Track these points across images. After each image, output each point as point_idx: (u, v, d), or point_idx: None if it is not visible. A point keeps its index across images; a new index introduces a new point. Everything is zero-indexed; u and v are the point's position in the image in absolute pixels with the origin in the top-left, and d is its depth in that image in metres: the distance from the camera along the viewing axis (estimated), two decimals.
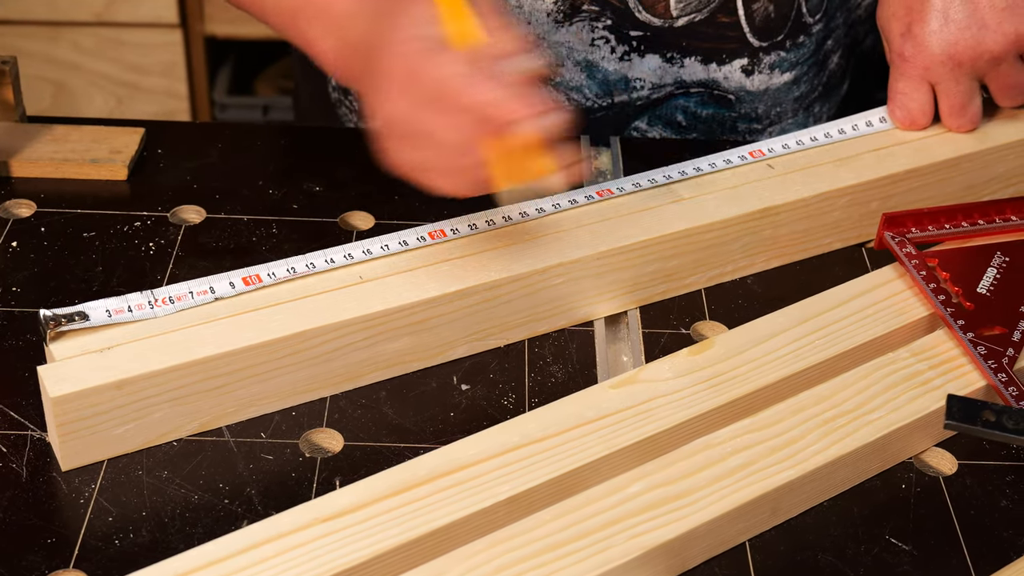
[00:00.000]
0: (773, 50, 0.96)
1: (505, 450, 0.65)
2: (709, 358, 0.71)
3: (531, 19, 0.93)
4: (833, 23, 1.00)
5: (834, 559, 0.64)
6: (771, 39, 0.96)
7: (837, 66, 1.04)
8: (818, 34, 0.98)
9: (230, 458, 0.68)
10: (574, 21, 0.93)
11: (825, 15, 0.98)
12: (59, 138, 0.90)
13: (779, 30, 0.96)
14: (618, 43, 0.95)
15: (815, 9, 0.97)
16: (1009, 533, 0.66)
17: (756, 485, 0.64)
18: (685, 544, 0.62)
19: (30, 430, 0.69)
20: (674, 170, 0.82)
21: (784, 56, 0.97)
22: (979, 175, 0.87)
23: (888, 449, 0.68)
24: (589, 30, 0.94)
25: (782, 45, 0.97)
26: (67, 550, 0.63)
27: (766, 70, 0.97)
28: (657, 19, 0.93)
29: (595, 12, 0.93)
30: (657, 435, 0.66)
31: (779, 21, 0.95)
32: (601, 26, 0.94)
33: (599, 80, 0.96)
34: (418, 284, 0.72)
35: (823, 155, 0.85)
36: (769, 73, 0.97)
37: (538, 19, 0.93)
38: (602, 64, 0.95)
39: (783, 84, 0.99)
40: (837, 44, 1.02)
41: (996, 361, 0.71)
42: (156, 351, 0.67)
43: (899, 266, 0.78)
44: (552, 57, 0.93)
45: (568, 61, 0.96)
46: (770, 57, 0.97)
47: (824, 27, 0.99)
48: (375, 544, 0.60)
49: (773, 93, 0.99)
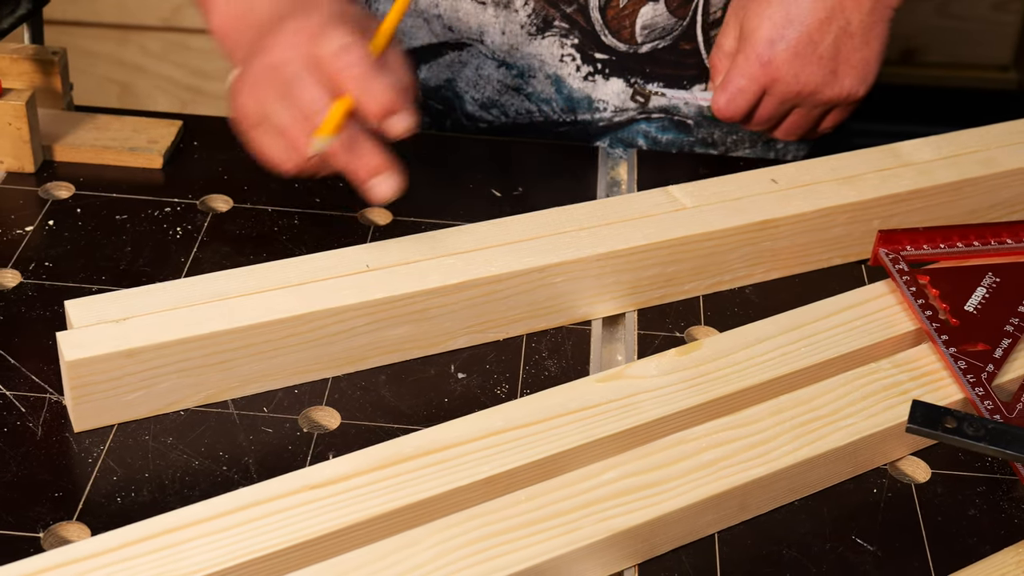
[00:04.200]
0: None
1: (488, 433, 0.68)
2: (695, 359, 0.74)
3: (505, 29, 0.97)
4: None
5: (798, 554, 0.67)
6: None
7: None
8: None
9: (232, 429, 0.72)
10: (546, 35, 0.97)
11: None
12: (101, 126, 0.94)
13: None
14: (583, 63, 0.99)
15: None
16: (974, 540, 0.68)
17: (726, 479, 0.67)
18: (653, 530, 0.65)
19: (48, 393, 0.73)
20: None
21: None
22: (983, 200, 0.89)
23: (860, 454, 0.71)
24: (559, 45, 0.98)
25: None
26: (72, 504, 0.67)
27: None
28: (622, 44, 0.97)
29: (565, 29, 0.97)
30: (636, 428, 0.69)
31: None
32: (569, 44, 0.98)
33: (565, 95, 1.00)
34: (422, 275, 0.76)
35: (828, 173, 0.87)
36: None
37: (512, 30, 0.97)
38: (568, 80, 1.00)
39: None
40: None
41: (975, 376, 0.73)
42: (168, 324, 0.71)
43: (891, 281, 0.80)
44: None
45: (539, 73, 1.00)
46: None
47: None
48: (357, 512, 0.63)
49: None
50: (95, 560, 0.60)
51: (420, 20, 1.01)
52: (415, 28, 1.02)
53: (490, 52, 1.00)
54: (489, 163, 0.96)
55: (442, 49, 1.02)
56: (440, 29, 1.01)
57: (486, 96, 1.03)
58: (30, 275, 0.82)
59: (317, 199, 0.90)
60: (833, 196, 0.85)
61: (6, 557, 0.62)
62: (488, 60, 1.01)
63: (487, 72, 1.02)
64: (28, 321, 0.78)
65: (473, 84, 1.03)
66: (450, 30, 1.01)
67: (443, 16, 1.00)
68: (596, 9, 0.96)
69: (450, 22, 1.00)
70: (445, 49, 1.02)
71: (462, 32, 1.00)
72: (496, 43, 1.00)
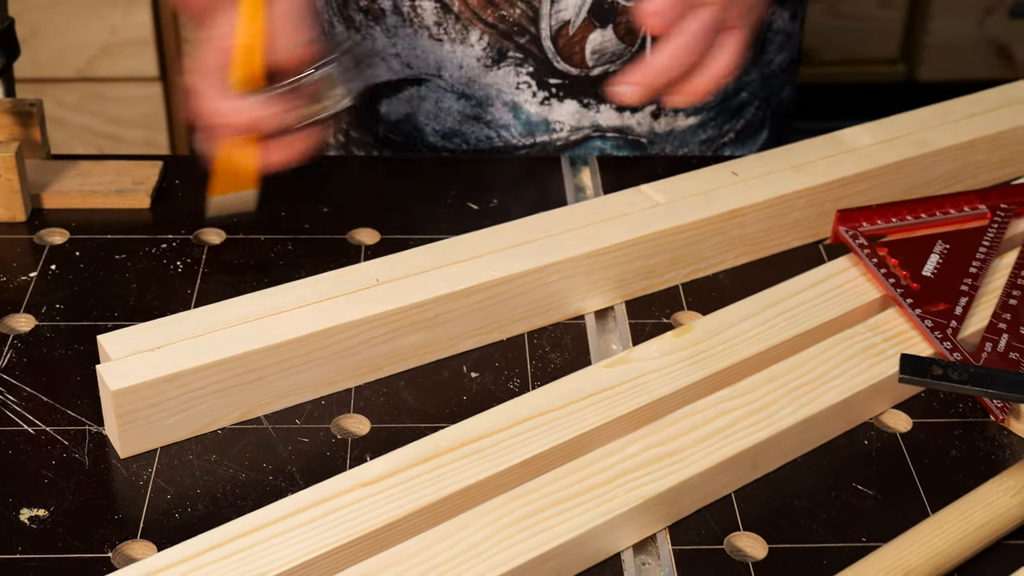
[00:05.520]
0: None
1: (515, 422, 0.74)
2: (690, 339, 0.80)
3: (463, 63, 1.03)
4: (747, 77, 1.10)
5: (808, 504, 0.73)
6: None
7: (754, 116, 1.14)
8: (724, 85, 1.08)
9: (270, 442, 0.76)
10: (501, 66, 1.03)
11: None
12: (84, 172, 0.98)
13: None
14: (539, 88, 1.04)
15: None
16: (959, 477, 0.75)
17: (737, 443, 0.73)
18: (679, 495, 0.71)
19: (88, 425, 0.77)
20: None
21: None
22: (919, 177, 0.97)
23: (850, 411, 0.78)
24: (515, 74, 1.04)
25: None
26: (133, 524, 0.71)
27: (671, 113, 1.07)
28: (574, 68, 1.03)
29: (519, 59, 1.03)
30: (648, 405, 0.75)
31: None
32: (525, 71, 1.03)
33: (523, 120, 1.06)
34: (430, 283, 0.81)
35: (781, 163, 0.94)
36: (674, 116, 1.08)
37: (469, 63, 1.03)
38: (525, 106, 1.05)
39: (688, 127, 1.09)
40: (753, 96, 1.12)
41: (942, 332, 0.81)
42: (202, 348, 0.75)
43: (853, 256, 0.88)
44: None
45: (497, 101, 1.05)
46: None
47: (734, 79, 1.09)
48: (410, 503, 0.68)
49: (679, 135, 1.09)
50: (184, 566, 0.64)
51: (377, 59, 1.06)
52: (373, 67, 1.07)
53: (448, 85, 1.05)
54: (460, 180, 1.01)
55: (401, 85, 1.07)
56: (399, 67, 1.06)
57: (447, 127, 1.08)
58: (44, 318, 0.85)
59: (306, 224, 0.95)
60: (790, 183, 0.92)
61: None
62: (447, 93, 1.06)
63: (447, 104, 1.07)
64: (52, 361, 0.82)
65: (433, 116, 1.08)
66: (408, 67, 1.05)
67: (401, 55, 1.05)
68: (548, 39, 1.02)
69: (408, 59, 1.05)
70: (404, 85, 1.07)
71: (420, 68, 1.05)
72: (454, 76, 1.05)
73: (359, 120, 1.09)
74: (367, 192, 0.99)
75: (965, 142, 0.98)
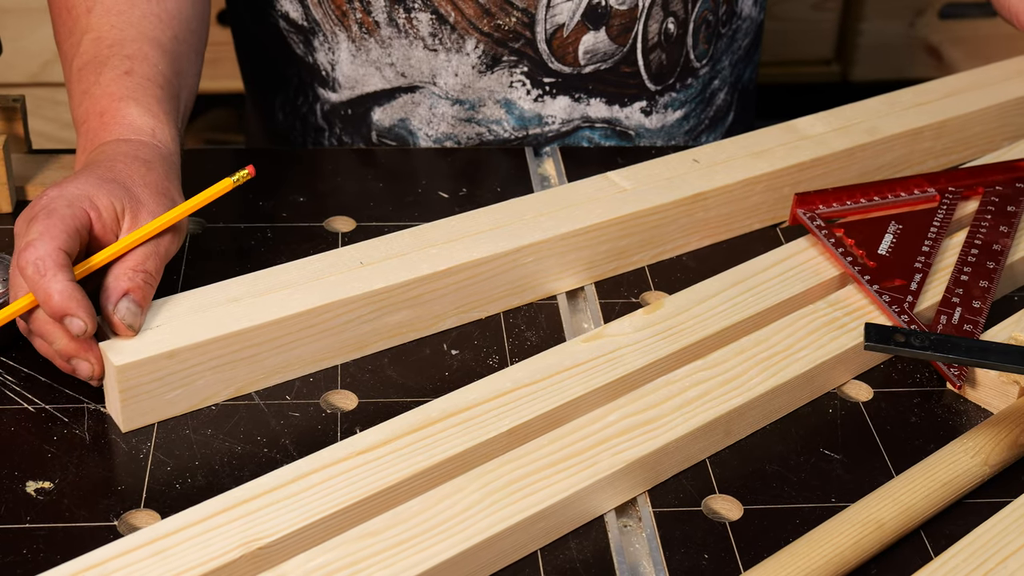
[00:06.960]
0: (666, 92, 1.11)
1: (500, 393, 0.77)
2: (661, 315, 0.84)
3: (458, 71, 1.07)
4: (719, 65, 1.15)
5: (779, 468, 0.77)
6: (664, 83, 1.11)
7: (724, 101, 1.19)
8: (704, 76, 1.14)
9: (263, 417, 0.79)
10: (495, 69, 1.07)
11: (711, 60, 1.13)
12: (66, 166, 1.00)
13: (671, 75, 1.11)
14: (533, 87, 1.08)
15: (702, 56, 1.12)
16: (920, 441, 0.80)
17: (711, 411, 0.77)
18: (658, 459, 0.75)
19: (86, 403, 0.79)
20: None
21: (675, 96, 1.12)
22: (870, 163, 1.02)
23: (815, 381, 0.82)
24: (508, 75, 1.07)
25: (673, 87, 1.12)
26: (136, 495, 0.73)
27: (661, 110, 1.12)
28: (567, 67, 1.07)
29: (514, 61, 1.06)
30: (626, 376, 0.79)
31: (671, 67, 1.10)
32: (519, 72, 1.07)
33: (516, 115, 1.09)
34: (413, 264, 0.84)
35: (740, 150, 0.99)
36: (664, 112, 1.12)
37: (464, 71, 1.07)
38: (519, 103, 1.09)
39: (675, 120, 1.14)
40: (723, 83, 1.17)
41: (899, 306, 0.85)
42: (200, 326, 0.78)
43: (811, 237, 0.92)
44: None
45: (490, 101, 1.09)
46: (664, 98, 1.12)
47: (710, 69, 1.14)
48: (405, 469, 0.71)
49: (668, 129, 1.14)
50: (191, 529, 0.67)
51: (372, 68, 1.07)
52: (367, 76, 1.08)
53: (443, 92, 1.08)
54: (428, 171, 1.04)
55: (395, 93, 1.09)
56: (393, 76, 1.08)
57: (440, 131, 1.10)
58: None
59: (284, 213, 0.97)
60: (749, 169, 0.97)
61: (92, 543, 0.68)
62: (441, 100, 1.08)
63: (441, 110, 1.09)
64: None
65: (427, 122, 1.10)
66: (403, 76, 1.08)
67: (396, 64, 1.07)
68: (543, 42, 1.05)
69: (402, 69, 1.07)
70: (398, 93, 1.09)
71: (415, 77, 1.07)
72: (449, 84, 1.07)
73: (352, 126, 1.12)
74: (340, 182, 1.02)
75: (912, 129, 1.03)
